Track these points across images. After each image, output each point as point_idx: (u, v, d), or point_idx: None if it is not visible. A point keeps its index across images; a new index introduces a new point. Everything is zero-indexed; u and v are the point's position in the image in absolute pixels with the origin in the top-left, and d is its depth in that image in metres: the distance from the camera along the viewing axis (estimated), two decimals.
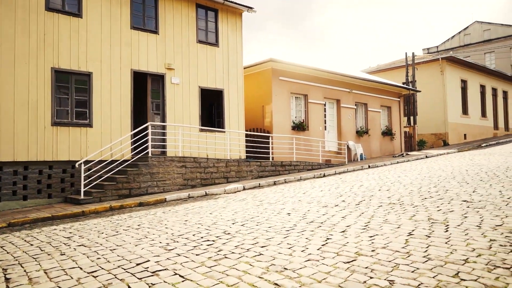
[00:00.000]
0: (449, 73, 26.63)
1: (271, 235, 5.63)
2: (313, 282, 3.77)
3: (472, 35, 44.36)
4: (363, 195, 8.51)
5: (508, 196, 7.18)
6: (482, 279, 3.59)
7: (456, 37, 45.71)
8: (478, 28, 44.05)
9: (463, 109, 28.02)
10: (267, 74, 16.37)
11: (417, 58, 27.91)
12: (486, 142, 24.72)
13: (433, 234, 5.09)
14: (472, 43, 43.89)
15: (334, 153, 18.75)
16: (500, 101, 33.05)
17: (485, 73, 30.96)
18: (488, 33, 43.20)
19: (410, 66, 25.52)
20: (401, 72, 27.53)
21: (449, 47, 45.07)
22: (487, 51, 42.88)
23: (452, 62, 26.97)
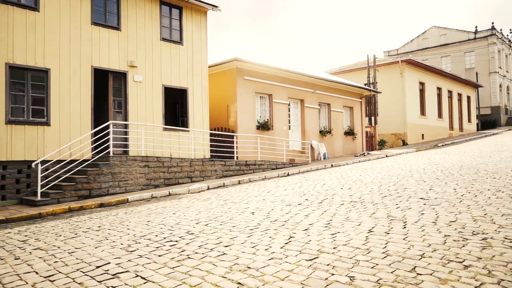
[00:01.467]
0: (408, 75, 27.56)
1: (235, 235, 5.63)
2: (276, 280, 3.80)
3: (429, 39, 46.15)
4: (325, 193, 8.66)
5: (461, 193, 7.51)
6: (437, 273, 3.74)
7: (415, 41, 47.40)
8: (435, 33, 45.88)
9: (421, 110, 29.08)
10: (232, 73, 16.34)
11: (378, 60, 28.71)
12: (442, 142, 25.78)
13: (392, 231, 5.25)
14: (430, 47, 45.67)
15: (298, 153, 18.98)
16: (455, 102, 34.54)
17: (441, 76, 32.26)
18: (444, 38, 45.08)
19: (372, 67, 26.22)
20: (363, 73, 28.23)
21: (408, 50, 46.68)
22: (443, 55, 44.74)
23: (411, 64, 27.93)
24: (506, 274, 3.64)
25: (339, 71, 30.64)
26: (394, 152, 20.47)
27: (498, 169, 10.49)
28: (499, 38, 43.64)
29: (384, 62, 28.72)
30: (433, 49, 45.33)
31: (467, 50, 43.59)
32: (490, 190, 7.61)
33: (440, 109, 31.92)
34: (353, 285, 3.57)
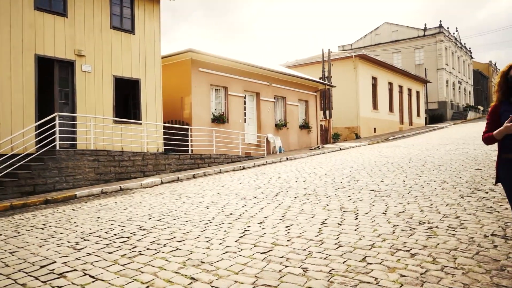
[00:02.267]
0: (362, 70, 28.32)
1: (188, 229, 5.53)
2: (230, 274, 3.76)
3: (382, 35, 47.64)
4: (280, 186, 8.71)
5: (410, 185, 7.81)
6: (385, 262, 3.84)
7: (368, 36, 48.76)
8: (387, 29, 47.40)
9: (373, 104, 30.00)
10: (187, 65, 16.05)
11: (333, 55, 29.27)
12: (393, 135, 26.76)
13: (344, 222, 5.36)
14: (382, 43, 47.15)
15: (254, 146, 19.01)
16: (405, 97, 35.94)
17: (393, 71, 33.42)
18: (396, 34, 46.68)
19: (326, 62, 26.68)
20: (318, 67, 28.67)
21: (362, 45, 47.93)
22: (395, 51, 46.35)
23: (364, 59, 28.69)
24: (448, 261, 3.80)
25: (294, 65, 30.95)
26: (348, 145, 21.00)
27: (443, 161, 11.01)
28: (446, 36, 45.78)
29: (338, 56, 29.32)
30: (385, 44, 46.84)
31: (416, 47, 45.41)
32: (436, 182, 7.96)
33: (391, 104, 33.08)
34: (306, 277, 3.60)
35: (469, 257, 3.86)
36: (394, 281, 3.40)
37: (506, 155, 3.34)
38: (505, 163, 3.37)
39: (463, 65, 54.39)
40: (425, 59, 44.72)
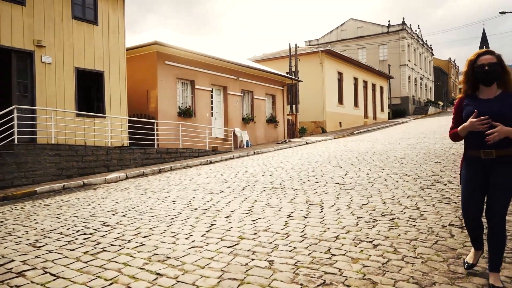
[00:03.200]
0: (328, 65, 28.70)
1: (154, 224, 5.46)
2: (196, 269, 3.75)
3: (347, 31, 48.41)
4: (247, 180, 8.74)
5: (373, 178, 8.02)
6: (349, 253, 3.94)
7: (334, 32, 49.43)
8: (353, 25, 48.21)
9: (339, 99, 30.50)
10: (152, 57, 15.74)
11: (300, 50, 29.49)
12: (358, 129, 27.34)
13: (310, 215, 5.44)
14: (348, 38, 47.92)
15: (221, 140, 18.95)
16: (369, 92, 36.76)
17: (358, 67, 34.07)
18: (361, 30, 47.57)
19: (293, 56, 26.86)
20: (285, 62, 28.80)
21: (328, 40, 48.55)
22: (360, 47, 47.24)
23: (330, 55, 29.08)
24: (409, 250, 3.94)
25: (262, 59, 30.98)
26: (314, 139, 21.29)
27: (405, 155, 11.36)
28: (408, 33, 47.07)
29: (305, 51, 29.58)
30: (351, 40, 47.65)
31: (380, 43, 46.46)
32: (398, 174, 8.21)
33: (356, 99, 33.75)
34: (271, 269, 3.64)
35: (428, 247, 4.01)
36: (357, 271, 3.49)
37: (471, 152, 3.14)
38: (469, 161, 3.18)
39: (424, 61, 56.16)
40: (389, 55, 45.86)
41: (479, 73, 3.03)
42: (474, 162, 3.12)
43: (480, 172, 3.09)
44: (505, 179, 3.00)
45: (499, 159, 2.99)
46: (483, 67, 2.99)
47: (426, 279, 3.28)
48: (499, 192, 3.02)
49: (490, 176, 3.05)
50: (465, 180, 3.20)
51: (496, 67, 2.97)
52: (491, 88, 3.07)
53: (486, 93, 3.09)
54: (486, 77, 3.01)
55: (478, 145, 3.04)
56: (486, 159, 3.02)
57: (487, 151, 2.99)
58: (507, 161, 2.99)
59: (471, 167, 3.16)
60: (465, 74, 3.16)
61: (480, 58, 3.04)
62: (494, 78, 3.02)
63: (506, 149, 2.96)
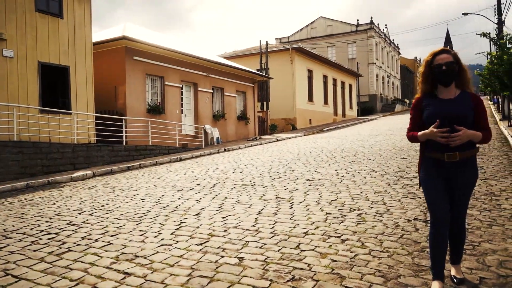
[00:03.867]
0: (298, 63, 28.92)
1: (122, 223, 5.36)
2: (165, 267, 3.71)
3: (317, 29, 48.92)
4: (218, 177, 8.71)
5: (342, 174, 8.16)
6: (318, 248, 4.00)
7: (304, 30, 49.84)
8: (322, 23, 48.76)
9: (309, 96, 30.81)
10: (120, 52, 15.41)
11: (270, 47, 29.56)
12: (327, 126, 27.71)
13: (280, 211, 5.48)
14: (318, 36, 48.44)
15: (191, 137, 18.78)
16: (339, 90, 37.32)
17: (327, 65, 34.50)
18: (330, 29, 48.17)
19: (264, 54, 26.91)
20: (255, 59, 28.84)
21: (298, 38, 48.90)
22: (329, 45, 47.84)
23: (300, 52, 29.30)
24: (376, 245, 4.04)
25: (232, 56, 30.89)
26: (284, 136, 21.43)
27: (373, 151, 11.61)
28: (376, 32, 48.05)
29: (276, 49, 29.68)
30: (321, 38, 48.18)
31: (349, 42, 47.21)
32: (366, 171, 8.39)
33: (326, 96, 34.18)
34: (241, 266, 3.65)
35: (394, 241, 4.12)
36: (325, 266, 3.55)
37: (432, 154, 3.00)
38: (430, 163, 3.04)
39: (391, 60, 57.50)
40: (357, 53, 46.68)
41: (437, 73, 2.93)
42: (436, 164, 2.99)
43: (441, 174, 2.99)
44: (468, 182, 2.97)
45: (460, 161, 2.91)
46: (440, 67, 2.90)
47: (392, 272, 3.37)
48: (463, 196, 3.00)
49: (452, 179, 2.97)
50: (427, 182, 3.04)
51: (453, 66, 2.89)
52: (450, 88, 2.98)
53: (445, 93, 2.99)
54: (444, 77, 2.91)
55: (440, 148, 2.91)
56: (449, 162, 2.92)
57: (451, 154, 2.88)
58: (469, 164, 2.96)
59: (431, 168, 3.02)
60: (422, 75, 3.06)
61: (436, 58, 2.95)
62: (452, 77, 2.93)
63: (469, 151, 2.91)
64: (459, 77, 2.96)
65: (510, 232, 4.24)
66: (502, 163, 8.62)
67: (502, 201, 5.54)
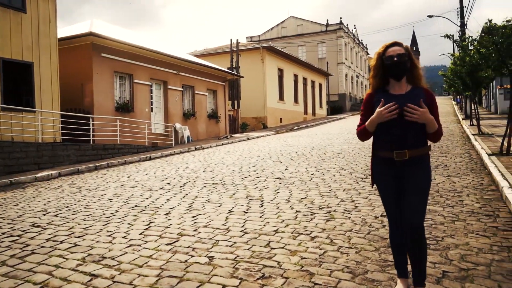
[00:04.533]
0: (269, 62, 29.02)
1: (89, 224, 5.24)
2: (134, 268, 3.65)
3: (288, 28, 49.26)
4: (188, 176, 8.64)
5: (312, 172, 8.25)
6: (288, 246, 4.03)
7: (275, 29, 50.07)
8: (293, 23, 49.13)
9: (279, 95, 30.99)
10: (87, 49, 15.01)
11: (241, 45, 29.53)
12: (298, 125, 27.96)
13: (250, 210, 5.50)
14: (288, 36, 48.77)
15: (161, 136, 18.54)
16: (309, 89, 37.72)
17: (298, 64, 34.79)
18: (301, 28, 48.60)
19: (235, 52, 26.86)
20: (226, 57, 28.72)
21: (269, 37, 49.08)
22: (300, 44, 48.26)
23: (271, 51, 29.42)
24: (344, 241, 4.11)
25: (203, 54, 30.67)
26: (255, 135, 21.48)
27: (342, 149, 11.81)
28: (345, 32, 48.84)
29: (246, 47, 29.69)
30: (291, 38, 48.53)
31: (319, 41, 47.78)
32: (335, 169, 8.52)
33: (296, 95, 34.47)
34: (211, 265, 3.63)
35: (362, 237, 4.21)
36: (295, 263, 3.58)
37: (381, 153, 2.84)
38: (380, 163, 2.89)
39: (360, 60, 58.63)
40: (327, 53, 47.31)
41: (388, 66, 2.77)
42: (385, 163, 2.83)
43: (392, 174, 2.82)
44: (420, 180, 2.76)
45: (412, 161, 2.74)
46: (391, 59, 2.74)
47: (360, 268, 3.44)
48: (416, 195, 2.75)
49: (403, 179, 2.79)
50: (379, 183, 2.93)
51: (404, 58, 2.73)
52: (401, 83, 2.81)
53: (397, 88, 2.82)
54: (395, 69, 2.75)
55: (389, 146, 2.76)
56: (398, 160, 2.75)
57: (400, 152, 2.72)
58: (419, 162, 2.77)
59: (383, 168, 2.87)
60: (374, 68, 2.88)
61: (388, 50, 2.79)
62: (404, 70, 2.77)
63: (419, 149, 2.75)
64: (411, 72, 2.81)
65: (471, 227, 4.41)
66: (464, 161, 8.95)
67: (464, 197, 5.75)
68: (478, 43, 10.35)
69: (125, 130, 15.75)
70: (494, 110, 27.87)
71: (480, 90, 19.86)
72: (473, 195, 5.83)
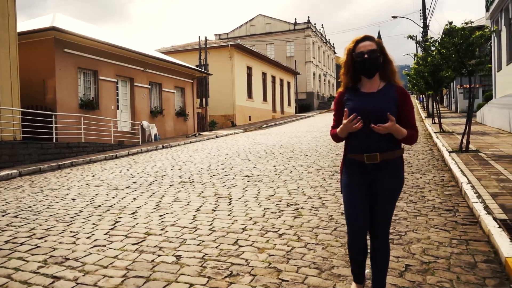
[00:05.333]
0: (237, 60, 28.98)
1: (51, 224, 5.07)
2: (98, 269, 3.57)
3: (256, 27, 49.35)
4: (155, 175, 8.52)
5: (280, 170, 8.31)
6: (256, 244, 4.05)
7: (243, 27, 50.05)
8: (261, 21, 49.25)
9: (248, 93, 31.02)
10: (49, 44, 14.49)
11: (210, 43, 29.34)
12: (266, 123, 28.09)
13: (218, 208, 5.48)
14: (257, 34, 48.87)
15: (128, 134, 18.17)
16: (278, 87, 37.95)
17: (266, 62, 34.93)
18: (269, 26, 48.80)
19: (203, 49, 26.65)
20: (194, 54, 28.46)
21: (237, 35, 49.02)
22: (268, 42, 48.46)
23: (239, 49, 29.39)
24: (311, 238, 4.17)
25: (171, 51, 30.27)
26: (224, 132, 21.42)
27: (310, 147, 11.96)
28: (313, 31, 49.44)
29: (215, 45, 29.53)
30: (260, 36, 48.66)
31: (288, 40, 48.15)
32: (303, 166, 8.62)
33: (265, 93, 34.61)
34: (179, 264, 3.60)
35: (328, 233, 4.28)
36: (263, 260, 3.60)
37: (352, 156, 2.67)
38: (350, 165, 2.70)
39: (327, 59, 59.53)
40: (295, 51, 47.76)
41: (358, 63, 2.58)
42: (356, 166, 2.65)
43: (363, 178, 2.63)
44: (390, 186, 2.62)
45: (383, 164, 2.58)
46: (362, 55, 2.55)
47: (326, 263, 3.50)
48: (384, 201, 2.63)
49: (374, 184, 2.63)
50: (347, 187, 2.70)
51: (376, 54, 2.55)
52: (373, 80, 2.63)
53: (368, 86, 2.65)
54: (366, 67, 2.57)
55: (360, 148, 2.60)
56: (369, 163, 2.58)
57: (371, 155, 2.55)
58: (391, 166, 2.60)
59: (353, 172, 2.67)
60: (344, 65, 2.69)
61: (358, 46, 2.59)
62: (375, 67, 2.59)
63: (391, 152, 2.58)
64: (384, 68, 2.62)
65: (432, 222, 4.57)
66: (426, 158, 9.25)
67: (426, 193, 5.95)
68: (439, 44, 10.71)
69: (90, 128, 15.33)
70: (455, 109, 28.98)
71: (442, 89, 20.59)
72: (434, 191, 6.04)
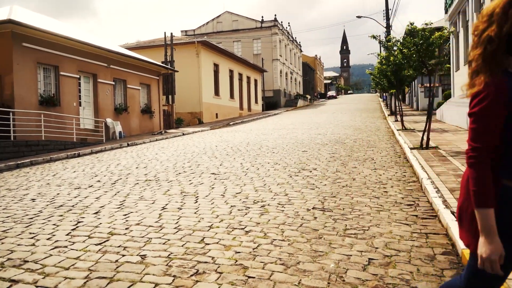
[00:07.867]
0: (204, 56, 28.75)
1: (9, 226, 4.87)
2: (59, 271, 3.47)
3: (223, 24, 49.06)
4: (120, 173, 8.33)
5: (247, 167, 8.33)
6: (222, 241, 4.04)
7: (210, 24, 49.64)
8: (228, 18, 49.02)
9: (215, 90, 30.84)
10: (6, 38, 13.86)
11: (176, 39, 28.93)
12: (233, 121, 28.03)
13: (184, 206, 5.43)
14: (224, 31, 48.58)
15: (91, 131, 17.67)
16: (244, 85, 37.94)
17: (233, 59, 34.83)
18: (236, 24, 48.63)
19: (169, 46, 26.26)
20: (160, 51, 27.96)
21: (204, 31, 48.56)
22: (235, 40, 48.29)
23: (206, 46, 29.15)
24: (277, 234, 4.20)
25: (135, 47, 29.63)
26: (191, 130, 21.22)
27: (276, 144, 12.04)
28: (280, 29, 49.69)
29: (181, 41, 29.17)
30: (226, 33, 48.41)
31: (255, 37, 48.14)
32: (270, 163, 8.67)
33: (232, 90, 34.53)
34: (144, 263, 3.55)
35: (294, 230, 4.33)
36: (229, 258, 3.60)
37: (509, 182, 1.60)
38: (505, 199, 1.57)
39: (294, 57, 60.01)
40: (262, 49, 47.85)
41: None
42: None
43: None
44: None
45: None
46: None
47: (292, 259, 3.54)
48: None
49: None
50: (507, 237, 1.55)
51: None
52: None
53: None
54: None
55: None
56: None
57: None
58: None
59: None
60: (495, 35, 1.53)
61: None
62: None
63: None
64: None
65: (394, 216, 4.71)
66: (389, 154, 9.52)
67: (389, 188, 6.12)
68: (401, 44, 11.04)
69: (50, 125, 14.80)
70: (416, 107, 29.93)
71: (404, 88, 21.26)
72: (396, 187, 6.23)
